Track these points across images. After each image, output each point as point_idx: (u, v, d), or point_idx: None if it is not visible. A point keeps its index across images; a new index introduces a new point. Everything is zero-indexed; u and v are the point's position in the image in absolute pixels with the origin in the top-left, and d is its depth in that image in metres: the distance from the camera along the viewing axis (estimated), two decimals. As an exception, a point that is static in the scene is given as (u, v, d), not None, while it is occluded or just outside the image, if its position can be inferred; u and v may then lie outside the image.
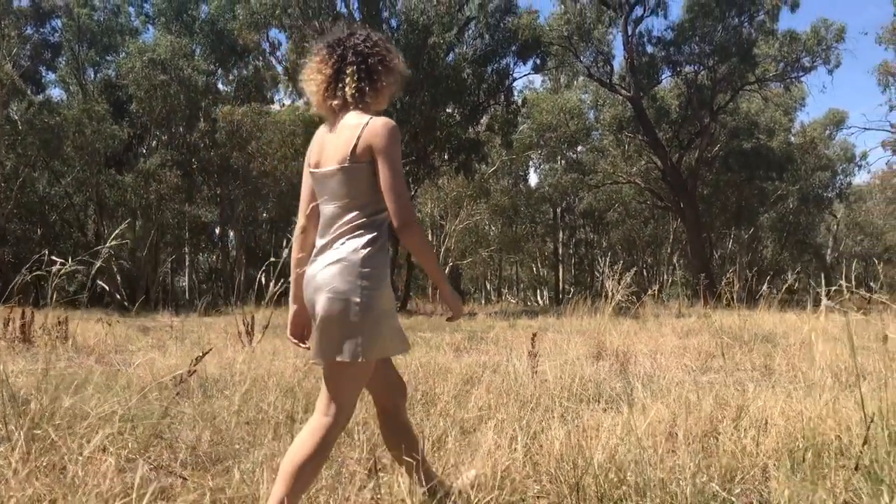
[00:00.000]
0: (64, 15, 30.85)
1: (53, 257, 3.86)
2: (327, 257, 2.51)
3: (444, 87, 22.33)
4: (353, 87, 2.56)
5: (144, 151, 31.38)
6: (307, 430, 2.54)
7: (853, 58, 78.29)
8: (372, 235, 2.50)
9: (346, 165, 2.49)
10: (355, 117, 2.53)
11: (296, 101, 29.09)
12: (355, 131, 2.49)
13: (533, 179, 42.76)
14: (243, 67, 32.15)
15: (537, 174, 42.24)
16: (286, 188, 27.98)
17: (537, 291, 46.02)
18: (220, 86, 32.63)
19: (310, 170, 2.66)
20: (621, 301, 8.75)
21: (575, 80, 36.67)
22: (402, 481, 2.78)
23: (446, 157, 24.79)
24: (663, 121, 30.96)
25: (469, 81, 23.77)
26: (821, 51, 28.12)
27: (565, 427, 3.52)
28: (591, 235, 42.69)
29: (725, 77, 28.46)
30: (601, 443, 3.11)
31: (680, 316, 13.71)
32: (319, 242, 2.58)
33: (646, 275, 39.09)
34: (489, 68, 24.41)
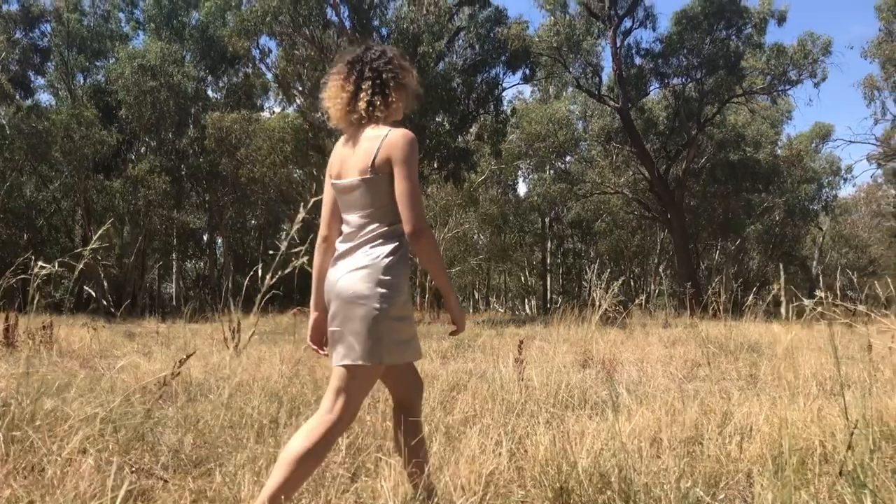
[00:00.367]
0: (53, 20, 30.75)
1: (40, 262, 3.84)
2: (350, 263, 2.61)
3: (433, 96, 22.33)
4: (366, 100, 2.68)
5: (133, 157, 31.28)
6: (310, 424, 2.58)
7: (839, 71, 79.05)
8: (394, 245, 2.61)
9: (368, 177, 2.60)
10: (374, 130, 2.65)
11: (285, 109, 29.07)
12: (375, 143, 2.61)
13: (522, 189, 42.86)
14: (233, 74, 32.09)
15: (526, 184, 42.33)
16: (275, 195, 27.93)
17: (525, 300, 46.02)
18: (209, 92, 32.59)
19: (331, 181, 2.76)
20: (608, 310, 8.77)
21: (564, 91, 36.79)
22: (386, 485, 2.76)
23: (436, 165, 24.75)
24: (651, 132, 31.10)
25: (459, 91, 23.79)
26: (807, 64, 28.32)
27: (550, 432, 3.51)
28: (579, 245, 42.77)
29: (713, 89, 28.63)
30: (586, 448, 3.11)
31: (667, 326, 13.73)
32: (341, 248, 2.68)
33: (633, 285, 39.19)
34: (479, 78, 24.44)
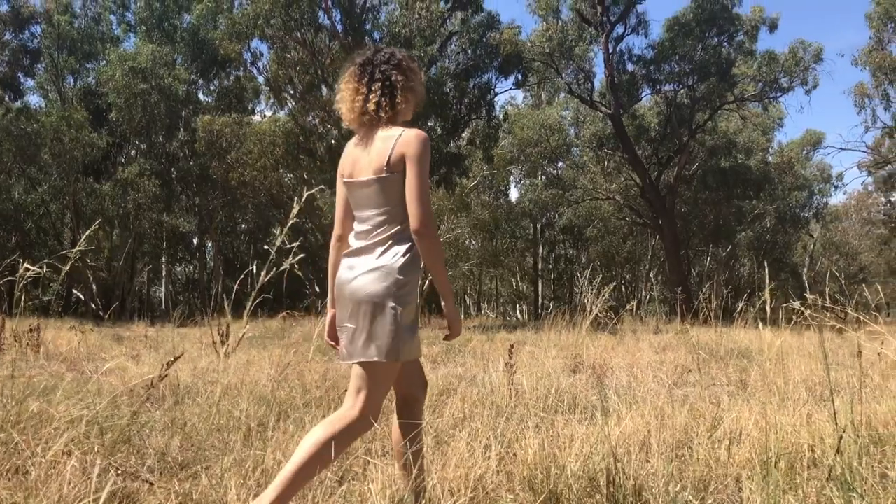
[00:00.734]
0: (44, 21, 30.62)
1: (27, 265, 3.81)
2: (365, 263, 2.69)
3: (426, 101, 22.37)
4: (374, 101, 2.76)
5: (123, 160, 31.14)
6: (333, 416, 2.68)
7: (830, 79, 79.70)
8: (407, 245, 2.68)
9: (383, 176, 2.68)
10: (387, 130, 2.74)
11: (277, 112, 29.01)
12: (389, 143, 2.69)
13: (513, 194, 42.88)
14: (224, 77, 32.01)
15: (518, 189, 42.36)
16: (265, 199, 27.85)
17: (516, 306, 46.02)
18: (200, 95, 32.49)
19: (343, 180, 2.85)
20: (599, 316, 8.78)
21: (556, 97, 36.88)
22: (374, 488, 2.74)
23: (427, 170, 24.76)
24: (643, 138, 31.19)
25: (451, 95, 23.80)
26: (799, 71, 28.45)
27: (539, 436, 3.49)
28: (571, 251, 42.81)
29: (704, 96, 28.72)
30: (575, 451, 3.09)
31: (657, 332, 13.74)
32: (355, 244, 2.76)
33: (624, 291, 39.23)
34: (471, 82, 24.46)
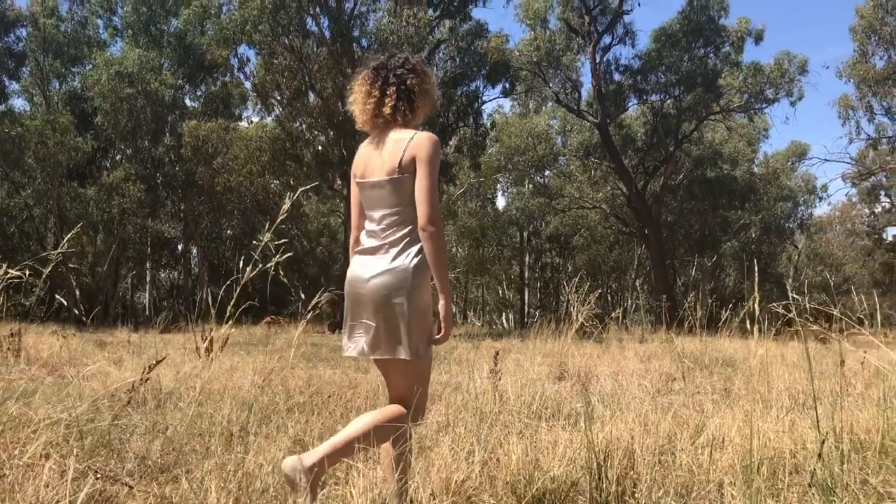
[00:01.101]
0: (29, 24, 30.42)
1: (4, 266, 3.76)
2: (379, 264, 2.78)
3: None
4: (391, 105, 2.84)
5: (108, 165, 30.96)
6: (391, 406, 2.87)
7: (815, 90, 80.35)
8: (420, 245, 2.78)
9: (395, 177, 2.77)
10: (399, 133, 2.84)
11: (264, 118, 28.92)
12: (401, 145, 2.79)
13: (500, 202, 42.95)
14: (211, 83, 31.90)
15: (505, 197, 42.45)
16: (251, 205, 27.73)
17: (502, 314, 46.03)
18: (187, 101, 32.36)
19: (356, 180, 2.94)
20: (584, 324, 8.78)
21: (543, 106, 37.00)
22: (355, 491, 2.72)
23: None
24: (629, 148, 31.34)
25: (439, 103, 23.86)
26: (784, 83, 28.69)
27: (523, 442, 3.49)
28: (557, 259, 42.87)
29: (691, 106, 28.90)
30: (558, 456, 3.09)
31: (643, 341, 13.77)
32: (367, 243, 2.86)
33: (610, 300, 39.30)
34: (459, 90, 24.51)
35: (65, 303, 27.25)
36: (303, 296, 29.17)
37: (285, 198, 4.19)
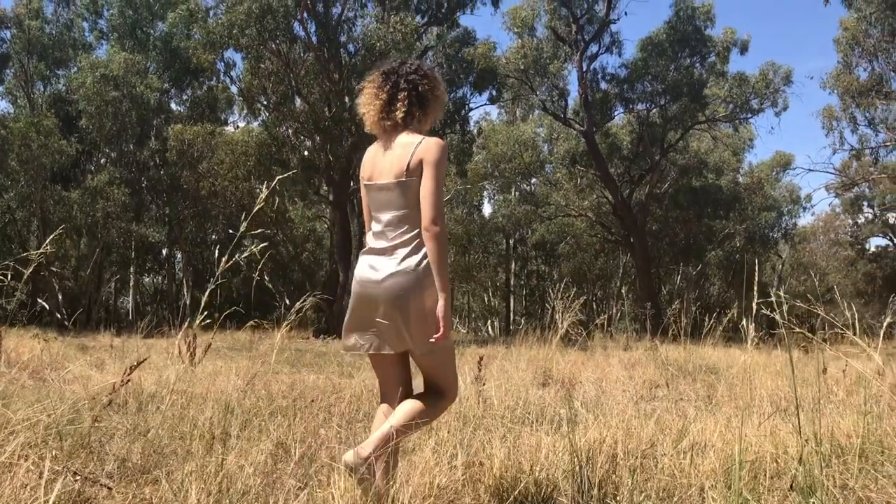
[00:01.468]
0: (13, 26, 30.21)
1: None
2: (389, 265, 2.84)
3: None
4: (403, 110, 2.91)
5: (92, 168, 30.76)
6: (428, 393, 3.02)
7: (799, 101, 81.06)
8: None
9: (403, 180, 2.84)
10: (408, 137, 2.90)
11: (250, 123, 28.83)
12: (409, 149, 2.85)
13: (487, 209, 42.99)
14: (197, 87, 31.79)
15: (491, 204, 42.48)
16: (236, 209, 27.59)
17: (488, 321, 46.02)
18: (172, 105, 32.23)
19: (364, 183, 3.01)
20: (569, 331, 8.80)
21: (530, 114, 37.12)
22: (337, 493, 2.71)
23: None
24: (615, 156, 31.46)
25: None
26: (769, 93, 28.91)
27: (506, 446, 3.48)
28: (543, 267, 42.93)
29: (676, 116, 29.05)
30: (541, 460, 3.09)
31: (627, 348, 13.81)
32: (374, 244, 2.92)
33: (595, 308, 39.37)
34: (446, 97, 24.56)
35: (47, 307, 27.00)
36: (287, 301, 29.06)
37: (270, 197, 4.18)
